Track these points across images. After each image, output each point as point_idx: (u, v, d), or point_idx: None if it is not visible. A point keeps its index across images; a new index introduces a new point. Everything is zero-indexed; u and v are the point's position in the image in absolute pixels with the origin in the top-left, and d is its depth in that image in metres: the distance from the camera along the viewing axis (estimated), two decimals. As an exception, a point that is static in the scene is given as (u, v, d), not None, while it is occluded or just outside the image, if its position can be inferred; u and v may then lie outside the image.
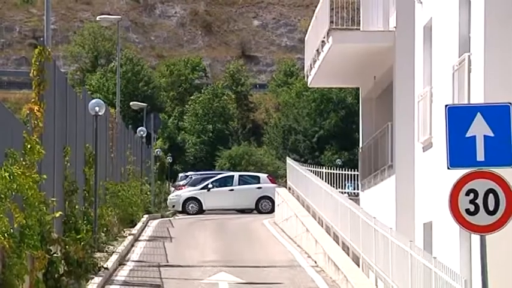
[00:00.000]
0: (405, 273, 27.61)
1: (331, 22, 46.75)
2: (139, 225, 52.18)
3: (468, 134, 19.13)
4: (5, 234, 20.23)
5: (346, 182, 55.10)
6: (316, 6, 50.85)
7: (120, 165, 55.55)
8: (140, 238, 47.52)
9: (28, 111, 27.79)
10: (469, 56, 29.66)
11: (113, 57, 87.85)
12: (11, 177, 21.51)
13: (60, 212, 28.91)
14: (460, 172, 19.24)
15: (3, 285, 19.86)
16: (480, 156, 19.13)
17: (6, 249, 20.14)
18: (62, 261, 27.81)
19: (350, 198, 45.69)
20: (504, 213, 18.75)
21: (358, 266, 35.22)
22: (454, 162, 19.29)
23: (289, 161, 70.06)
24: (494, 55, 27.38)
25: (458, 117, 19.51)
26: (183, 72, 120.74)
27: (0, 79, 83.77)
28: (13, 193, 21.61)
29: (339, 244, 39.79)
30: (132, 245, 43.61)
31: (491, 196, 18.82)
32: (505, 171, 19.13)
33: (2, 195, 21.08)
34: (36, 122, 27.05)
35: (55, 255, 26.89)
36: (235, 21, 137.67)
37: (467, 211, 18.76)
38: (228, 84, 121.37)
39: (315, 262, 39.06)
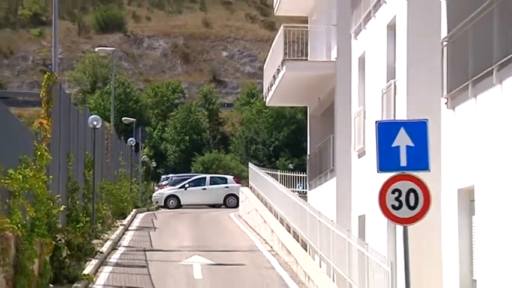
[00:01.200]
0: (343, 256, 27.63)
1: (285, 54, 46.82)
2: (129, 217, 52.14)
3: (394, 144, 19.59)
4: (19, 225, 20.18)
5: (297, 182, 55.24)
6: (273, 41, 50.95)
7: (114, 169, 55.53)
8: (130, 228, 47.40)
9: (38, 125, 27.77)
10: (394, 82, 29.87)
11: (108, 81, 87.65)
12: (24, 179, 21.45)
13: (64, 206, 28.90)
14: (387, 175, 19.55)
15: (17, 266, 19.80)
16: (403, 162, 19.55)
17: (20, 237, 20.06)
18: (65, 247, 27.77)
19: (300, 196, 45.72)
20: (422, 209, 19.31)
21: (306, 250, 35.22)
22: (382, 167, 19.67)
23: (250, 165, 70.24)
24: (415, 81, 27.61)
25: (386, 130, 19.92)
26: (165, 93, 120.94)
27: (16, 98, 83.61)
28: (25, 191, 21.55)
29: (290, 233, 39.83)
30: (123, 234, 43.52)
31: (412, 194, 19.27)
32: (423, 174, 19.46)
33: (17, 193, 21.01)
34: (44, 133, 27.03)
35: (60, 241, 26.86)
36: (208, 53, 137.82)
37: (393, 206, 19.19)
38: (201, 103, 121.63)
39: (271, 247, 39.00)
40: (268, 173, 59.45)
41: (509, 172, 20.39)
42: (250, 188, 65.02)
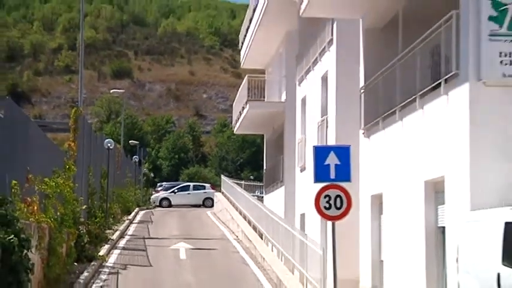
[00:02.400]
0: (289, 243, 27.62)
1: (248, 96, 46.88)
2: (133, 214, 51.90)
3: (325, 163, 19.64)
4: (52, 219, 20.17)
5: (256, 189, 55.11)
6: (240, 87, 50.94)
7: (122, 178, 55.40)
8: (133, 222, 47.19)
9: (68, 146, 27.79)
10: (326, 117, 29.90)
11: (120, 114, 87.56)
12: (56, 185, 21.46)
13: (85, 206, 28.90)
14: (320, 185, 19.45)
15: (50, 249, 19.73)
16: (332, 175, 19.52)
17: (52, 228, 20.01)
18: (86, 235, 27.71)
19: (258, 199, 45.71)
20: (346, 209, 19.30)
21: (262, 239, 35.17)
22: (317, 179, 19.71)
23: (222, 177, 70.18)
24: (341, 117, 27.63)
25: (320, 153, 20.02)
26: (161, 123, 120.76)
27: (52, 126, 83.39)
28: (57, 194, 21.54)
29: (250, 226, 39.71)
30: (128, 226, 43.34)
31: (338, 199, 19.23)
32: (346, 184, 19.44)
33: (50, 196, 21.01)
34: (72, 152, 27.08)
35: (82, 231, 26.82)
36: (192, 94, 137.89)
37: (325, 207, 19.16)
38: (187, 131, 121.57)
39: (237, 236, 38.89)
40: (235, 182, 59.42)
41: (404, 183, 20.73)
42: (222, 193, 64.85)
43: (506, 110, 16.80)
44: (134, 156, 76.61)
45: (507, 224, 14.64)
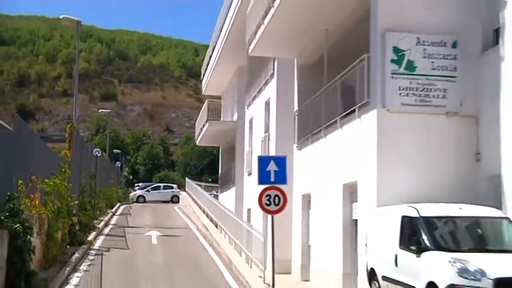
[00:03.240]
0: (239, 232, 27.62)
1: (208, 116, 46.92)
2: (115, 207, 51.51)
3: (267, 169, 19.74)
4: (50, 211, 20.09)
5: (213, 189, 55.02)
6: (201, 109, 50.95)
7: (107, 179, 55.11)
8: (115, 214, 46.88)
9: (64, 153, 27.60)
10: (268, 134, 29.97)
11: (106, 129, 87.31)
12: (54, 184, 21.37)
13: (77, 201, 28.71)
14: (263, 186, 19.45)
15: (48, 235, 19.68)
16: (272, 179, 19.61)
17: (50, 218, 19.96)
18: (77, 224, 27.54)
19: (214, 197, 45.60)
20: (282, 205, 19.33)
21: (217, 228, 35.12)
22: (260, 181, 19.71)
23: (187, 179, 70.06)
24: (279, 134, 27.68)
25: (263, 161, 20.10)
26: (139, 136, 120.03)
27: (52, 138, 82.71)
28: (55, 192, 21.46)
29: (208, 218, 39.64)
30: (111, 217, 43.07)
31: (276, 197, 19.24)
32: (283, 186, 19.44)
33: (49, 193, 20.92)
34: (67, 158, 26.86)
35: (74, 221, 26.65)
36: (164, 114, 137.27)
37: (266, 204, 19.20)
38: (159, 143, 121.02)
39: (197, 226, 38.74)
40: (197, 184, 59.29)
41: (327, 185, 20.86)
42: (186, 192, 64.78)
43: (404, 130, 17.02)
44: (117, 162, 76.81)
45: (403, 217, 14.93)
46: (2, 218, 13.69)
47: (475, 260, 12.87)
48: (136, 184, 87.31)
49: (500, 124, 16.39)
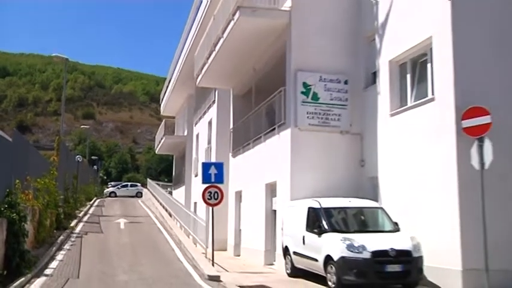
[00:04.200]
0: (187, 220, 27.44)
1: (165, 131, 46.68)
2: (92, 201, 50.63)
3: (209, 172, 19.39)
4: (41, 204, 19.78)
5: (168, 187, 54.53)
6: (160, 126, 50.54)
7: (86, 179, 54.07)
8: (92, 206, 45.94)
9: (52, 159, 27.13)
10: (210, 145, 29.86)
11: (86, 140, 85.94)
12: (44, 183, 21.04)
13: (62, 196, 28.12)
14: (206, 185, 19.22)
15: (39, 222, 19.34)
16: (213, 179, 19.23)
17: (41, 209, 19.62)
18: (62, 214, 26.97)
19: (169, 193, 45.19)
20: (220, 199, 19.00)
21: (171, 217, 34.79)
22: (204, 181, 19.42)
23: (148, 179, 69.30)
24: (219, 145, 27.62)
25: (206, 166, 19.82)
26: (111, 147, 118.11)
27: (44, 146, 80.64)
28: (45, 188, 21.14)
29: (164, 209, 39.20)
30: (89, 208, 42.25)
31: (216, 193, 18.91)
32: (221, 185, 19.16)
33: (40, 189, 20.57)
34: (55, 163, 26.40)
35: (60, 211, 26.11)
36: (132, 130, 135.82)
37: (208, 198, 18.89)
38: (128, 151, 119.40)
39: (156, 215, 38.15)
40: (156, 183, 58.63)
41: (254, 184, 20.99)
42: (148, 189, 64.07)
43: (310, 144, 17.30)
44: (94, 166, 75.70)
45: (309, 208, 15.21)
46: (2, 209, 13.70)
47: (359, 238, 13.28)
48: (109, 183, 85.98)
49: (377, 140, 16.91)
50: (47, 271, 15.50)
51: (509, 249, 12.92)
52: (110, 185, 78.48)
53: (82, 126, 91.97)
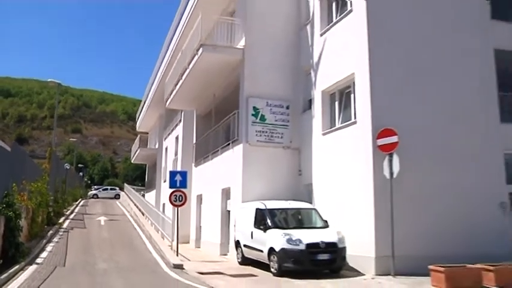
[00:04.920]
0: (156, 218, 27.04)
1: (139, 145, 46.12)
2: (78, 201, 49.55)
3: (175, 179, 18.79)
4: (34, 204, 19.31)
5: (142, 191, 53.67)
6: (135, 140, 49.95)
7: (73, 183, 52.95)
8: (78, 205, 44.97)
9: (45, 166, 26.50)
10: (177, 157, 29.30)
11: (74, 151, 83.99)
12: (37, 186, 20.55)
13: (52, 197, 27.42)
14: (172, 189, 18.80)
15: (32, 219, 18.84)
16: (178, 185, 18.62)
17: (34, 208, 19.13)
18: (52, 212, 26.30)
19: (142, 195, 44.50)
20: (184, 201, 18.50)
21: (143, 215, 34.32)
22: (171, 186, 18.85)
23: (125, 184, 68.14)
24: (184, 157, 27.15)
25: (173, 173, 19.21)
26: (95, 156, 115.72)
27: (38, 155, 78.47)
28: (37, 191, 20.66)
29: (138, 208, 38.71)
30: (75, 208, 41.29)
31: (180, 196, 18.34)
32: (185, 190, 18.73)
33: (34, 191, 20.08)
34: (47, 169, 25.79)
35: (50, 210, 25.48)
36: (112, 143, 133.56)
37: (174, 200, 18.36)
38: (108, 160, 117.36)
39: (131, 214, 37.57)
40: (132, 187, 57.80)
41: (212, 189, 20.77)
42: (125, 192, 63.04)
43: (258, 157, 17.33)
44: (80, 172, 74.17)
45: (257, 209, 15.19)
46: (0, 208, 13.41)
47: (296, 233, 13.40)
48: (92, 186, 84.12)
49: (312, 154, 17.13)
50: (38, 260, 15.14)
51: (410, 240, 13.19)
52: (93, 189, 76.67)
53: (71, 139, 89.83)
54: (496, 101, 15.39)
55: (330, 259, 13.05)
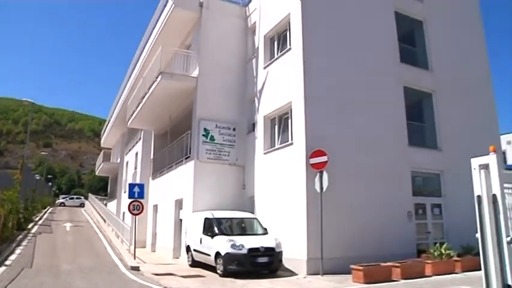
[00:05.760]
0: (117, 225, 26.30)
1: (103, 159, 44.78)
2: (47, 209, 47.41)
3: (134, 190, 18.18)
4: (6, 210, 18.22)
5: (105, 200, 52.10)
6: (99, 154, 48.47)
7: (43, 192, 50.67)
8: (46, 213, 43.02)
9: (17, 176, 25.13)
10: (136, 170, 28.51)
11: (44, 163, 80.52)
12: (9, 194, 19.48)
13: (23, 205, 25.99)
14: (131, 199, 18.24)
15: (3, 225, 17.73)
16: (136, 195, 18.06)
17: (6, 214, 18.05)
18: (22, 218, 24.93)
19: (105, 204, 43.20)
20: (141, 210, 17.83)
21: (105, 222, 33.26)
22: (130, 196, 18.33)
23: (90, 194, 66.11)
24: (142, 171, 26.55)
25: (131, 185, 18.69)
26: (63, 168, 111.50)
27: (12, 167, 74.74)
28: (9, 199, 19.54)
29: (100, 216, 37.54)
30: (44, 214, 39.42)
31: (138, 206, 17.75)
32: (142, 200, 17.98)
33: (6, 199, 19.01)
34: (18, 179, 24.51)
35: (20, 217, 24.15)
36: (78, 157, 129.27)
37: (132, 209, 17.72)
38: (75, 173, 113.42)
39: (94, 221, 36.36)
40: (95, 196, 55.99)
41: (166, 200, 20.35)
42: (89, 201, 60.89)
43: (208, 172, 17.07)
44: (49, 183, 71.12)
45: (205, 218, 14.94)
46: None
47: (240, 239, 13.24)
48: (60, 195, 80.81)
49: (254, 170, 17.08)
50: (7, 262, 14.23)
51: (336, 245, 13.31)
52: (60, 197, 73.47)
53: (42, 153, 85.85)
54: (405, 129, 16.01)
55: (268, 262, 12.94)
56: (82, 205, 62.51)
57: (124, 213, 30.66)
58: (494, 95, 19.40)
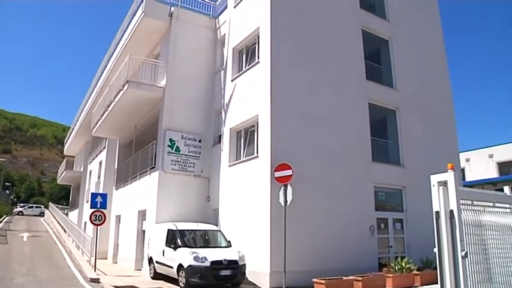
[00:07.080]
0: (77, 235, 25.54)
1: (66, 167, 43.59)
2: (3, 218, 45.66)
3: (96, 200, 17.88)
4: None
5: (66, 210, 50.61)
6: (62, 162, 47.21)
7: (0, 200, 48.89)
8: (2, 222, 41.49)
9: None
10: (100, 180, 27.88)
11: (3, 170, 77.73)
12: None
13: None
14: (93, 209, 17.85)
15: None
16: (99, 206, 17.63)
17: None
18: None
19: (66, 214, 42.05)
20: (103, 221, 17.54)
21: (65, 232, 32.30)
22: (92, 206, 17.94)
23: (50, 203, 63.95)
24: (106, 180, 25.92)
25: (94, 195, 18.31)
26: (23, 176, 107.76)
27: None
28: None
29: (61, 226, 36.46)
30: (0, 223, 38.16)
31: (100, 216, 17.34)
32: (104, 210, 17.73)
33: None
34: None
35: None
36: (40, 164, 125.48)
37: (94, 219, 17.38)
38: (36, 180, 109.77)
39: (53, 231, 35.30)
40: (56, 206, 54.29)
41: (129, 210, 20.02)
42: (49, 210, 58.97)
43: (172, 183, 16.92)
44: (7, 190, 68.60)
45: (168, 229, 14.77)
46: None
47: (203, 252, 13.12)
48: (18, 204, 77.94)
49: (219, 183, 17.02)
50: (-46, 276, 13.58)
51: (300, 258, 13.42)
52: (18, 206, 71.03)
53: (0, 159, 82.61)
54: (369, 145, 16.34)
55: (231, 275, 12.87)
56: (42, 214, 60.75)
57: (86, 223, 29.95)
58: (454, 113, 20.10)
